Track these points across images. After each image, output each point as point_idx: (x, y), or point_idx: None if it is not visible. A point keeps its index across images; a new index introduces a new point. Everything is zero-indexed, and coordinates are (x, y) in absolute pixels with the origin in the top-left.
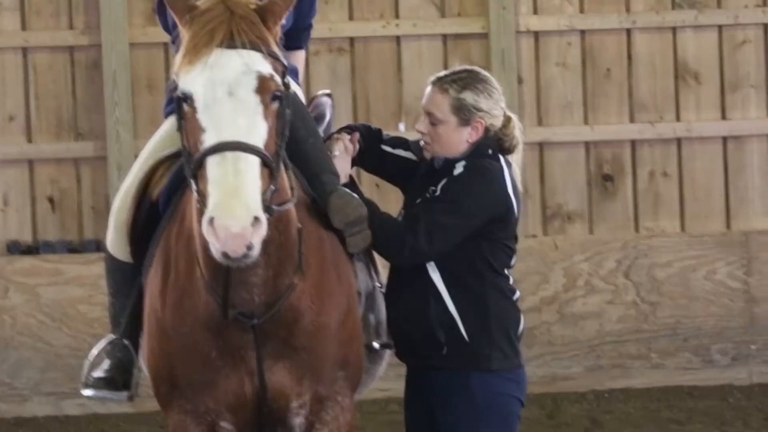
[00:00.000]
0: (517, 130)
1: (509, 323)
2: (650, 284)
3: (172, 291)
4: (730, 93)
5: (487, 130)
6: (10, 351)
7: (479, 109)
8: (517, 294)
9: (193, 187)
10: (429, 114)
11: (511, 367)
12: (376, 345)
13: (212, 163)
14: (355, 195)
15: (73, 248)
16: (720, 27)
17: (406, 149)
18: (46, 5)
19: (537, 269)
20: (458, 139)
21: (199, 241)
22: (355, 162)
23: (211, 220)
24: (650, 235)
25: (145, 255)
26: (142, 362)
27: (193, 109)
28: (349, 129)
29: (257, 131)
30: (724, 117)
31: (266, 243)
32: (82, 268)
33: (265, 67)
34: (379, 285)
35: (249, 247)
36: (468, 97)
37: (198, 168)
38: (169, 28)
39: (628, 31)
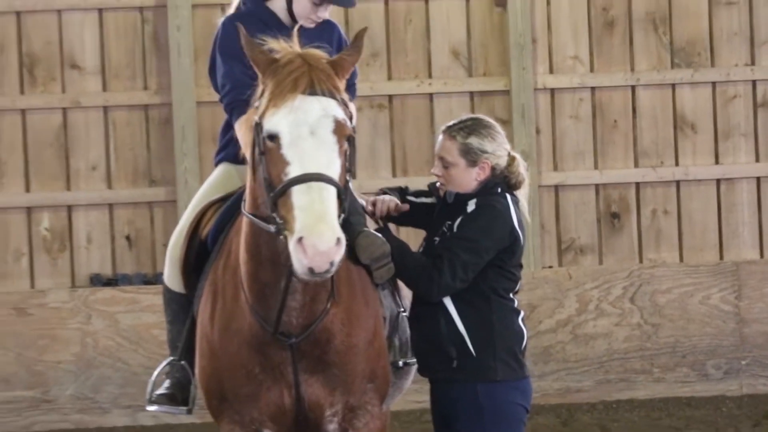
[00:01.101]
0: (522, 167)
1: (513, 339)
2: (652, 308)
3: (220, 316)
4: (722, 141)
5: (493, 169)
6: (93, 370)
7: (484, 151)
8: (522, 314)
9: (271, 213)
10: (441, 158)
11: (515, 378)
12: (400, 363)
13: (298, 191)
14: (380, 234)
15: (147, 280)
16: (713, 83)
17: (428, 196)
18: (124, 69)
19: (553, 296)
20: (468, 179)
21: (245, 269)
22: (389, 219)
23: (300, 240)
24: (652, 265)
25: (196, 287)
26: (197, 380)
27: (278, 146)
28: (383, 192)
29: (334, 166)
30: (717, 162)
31: None
32: (155, 298)
33: (339, 113)
34: (403, 309)
35: (332, 264)
36: (473, 141)
37: (280, 196)
38: (218, 87)
39: (633, 88)
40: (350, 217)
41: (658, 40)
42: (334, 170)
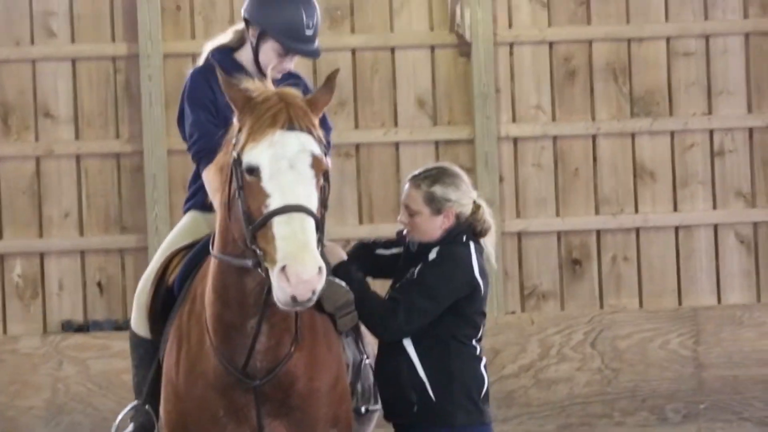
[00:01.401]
0: (487, 215)
1: (472, 385)
2: (613, 353)
3: (185, 360)
4: (680, 189)
5: (457, 217)
6: (64, 415)
7: (448, 200)
8: (484, 360)
9: (250, 246)
10: (407, 207)
11: (473, 423)
12: (362, 409)
13: (279, 222)
14: (343, 283)
15: (118, 326)
16: (672, 132)
17: (398, 246)
18: (96, 118)
19: (516, 341)
20: (433, 227)
21: (210, 311)
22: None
23: (284, 268)
24: (613, 311)
25: (162, 332)
26: (162, 425)
27: (258, 179)
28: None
29: (312, 199)
30: (675, 209)
31: (272, 316)
32: (125, 344)
33: (316, 148)
34: (366, 357)
35: (314, 292)
36: (437, 190)
37: (260, 228)
38: (186, 136)
39: (594, 137)
40: None
41: (618, 90)
42: (313, 203)
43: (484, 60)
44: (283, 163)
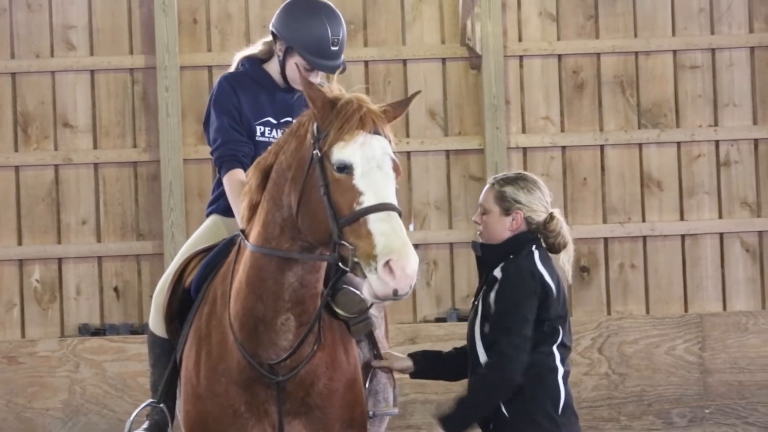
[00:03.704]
0: (564, 229)
1: (546, 400)
2: (620, 358)
3: (206, 361)
4: (687, 198)
5: (527, 222)
6: (80, 416)
7: (517, 201)
8: (562, 370)
9: (339, 240)
10: (481, 205)
11: None
12: (370, 413)
13: (378, 219)
14: (358, 291)
15: (134, 330)
16: (679, 143)
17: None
18: (114, 128)
19: None
20: (501, 228)
21: (240, 305)
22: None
23: (388, 262)
24: (620, 317)
25: (179, 333)
26: (181, 424)
27: (350, 176)
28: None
29: (395, 200)
30: (682, 218)
31: (302, 314)
32: (141, 347)
33: (394, 155)
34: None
35: (411, 287)
36: (508, 190)
37: (351, 223)
38: (210, 141)
39: (602, 147)
40: (330, 273)
41: (625, 102)
42: (397, 204)
43: (495, 72)
44: (373, 163)
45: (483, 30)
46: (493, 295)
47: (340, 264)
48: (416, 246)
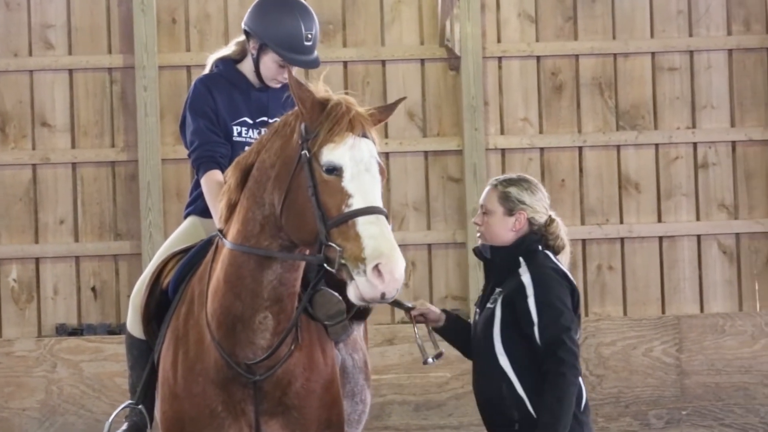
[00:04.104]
0: (563, 232)
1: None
2: (597, 360)
3: (183, 361)
4: (665, 200)
5: (530, 223)
6: (57, 416)
7: (522, 201)
8: (580, 369)
9: (326, 241)
10: (482, 206)
11: None
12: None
13: (367, 222)
14: (336, 293)
15: (111, 330)
16: (656, 145)
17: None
18: (92, 127)
19: None
20: (504, 229)
21: (218, 303)
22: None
23: (377, 266)
24: (598, 318)
25: (157, 333)
26: (158, 424)
27: (339, 178)
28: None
29: (382, 203)
30: (660, 220)
31: (280, 312)
32: (118, 347)
33: (380, 158)
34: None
35: (397, 291)
36: (512, 190)
37: (339, 225)
38: (187, 143)
39: (580, 149)
40: (308, 274)
41: (604, 104)
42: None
43: (473, 73)
44: (362, 166)
45: (462, 31)
46: (531, 301)
47: (325, 265)
48: None
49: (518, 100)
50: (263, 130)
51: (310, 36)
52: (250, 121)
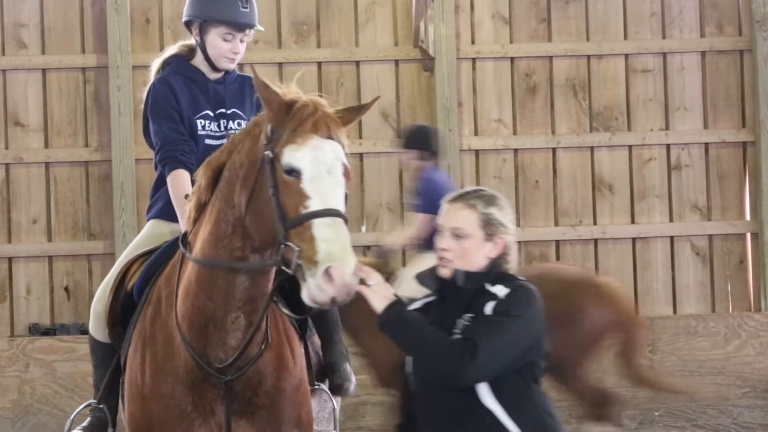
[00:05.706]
0: (515, 254)
1: (545, 400)
2: None
3: (151, 362)
4: (638, 202)
5: (504, 247)
6: (30, 416)
7: (503, 225)
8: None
9: (285, 242)
10: (454, 229)
11: None
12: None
13: (322, 224)
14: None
15: (84, 330)
16: (630, 147)
17: (422, 298)
18: (66, 127)
19: None
20: (480, 255)
21: (189, 304)
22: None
23: (328, 269)
24: None
25: (122, 336)
26: (125, 425)
27: (298, 180)
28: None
29: (343, 206)
30: (633, 221)
31: (252, 312)
32: None
33: (346, 160)
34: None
35: (349, 295)
36: (494, 212)
37: (296, 226)
38: (152, 144)
39: (554, 150)
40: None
41: (577, 105)
42: (343, 210)
43: (447, 74)
44: (323, 168)
45: (436, 32)
46: (495, 304)
47: (282, 266)
48: (368, 247)
49: (492, 102)
50: (222, 122)
51: (246, 2)
52: (212, 114)
